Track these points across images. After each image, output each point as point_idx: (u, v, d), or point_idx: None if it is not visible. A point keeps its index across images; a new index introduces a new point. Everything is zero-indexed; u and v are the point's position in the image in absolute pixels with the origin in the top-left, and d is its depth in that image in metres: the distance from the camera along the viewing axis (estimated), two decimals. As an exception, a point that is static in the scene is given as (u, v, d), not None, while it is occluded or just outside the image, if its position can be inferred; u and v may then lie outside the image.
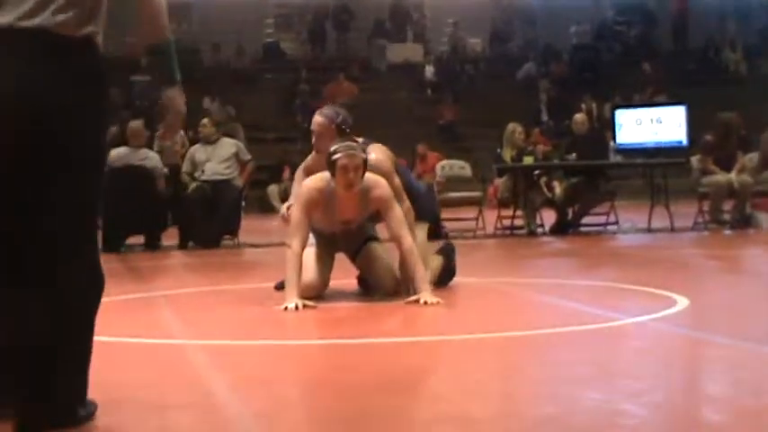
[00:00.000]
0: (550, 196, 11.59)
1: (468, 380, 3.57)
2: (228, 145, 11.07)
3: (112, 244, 10.07)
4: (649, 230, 11.34)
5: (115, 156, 10.49)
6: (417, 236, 5.93)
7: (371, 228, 6.13)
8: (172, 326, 5.19)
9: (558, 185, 11.63)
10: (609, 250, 9.99)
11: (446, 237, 9.51)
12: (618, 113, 12.67)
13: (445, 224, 11.02)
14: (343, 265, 6.17)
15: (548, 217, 11.58)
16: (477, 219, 11.72)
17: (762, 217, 11.70)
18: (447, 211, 11.72)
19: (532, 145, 12.96)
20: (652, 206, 11.64)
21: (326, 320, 5.30)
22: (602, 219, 11.79)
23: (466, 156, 16.26)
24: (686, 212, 11.60)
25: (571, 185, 11.42)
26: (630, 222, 12.02)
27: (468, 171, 13.39)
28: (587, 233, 11.48)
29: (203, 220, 10.59)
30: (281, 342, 4.66)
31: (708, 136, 11.55)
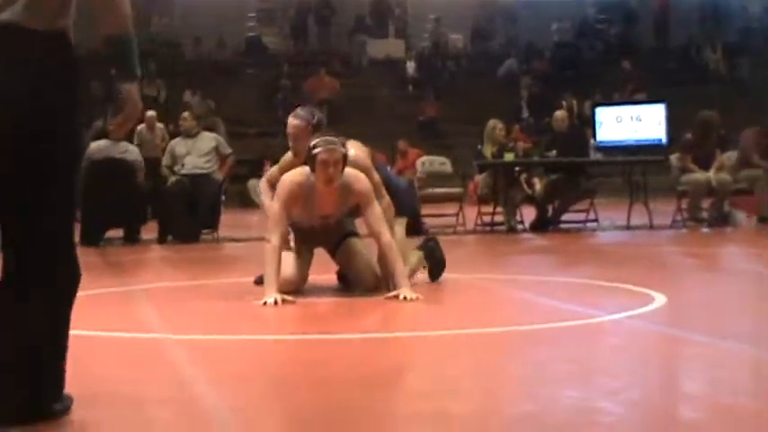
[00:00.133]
0: (530, 193, 11.59)
1: (446, 376, 3.57)
2: (209, 139, 11.03)
3: (91, 237, 10.03)
4: (628, 228, 11.37)
5: (95, 148, 10.44)
6: (396, 231, 5.93)
7: (351, 223, 6.12)
8: (150, 320, 5.16)
9: (539, 182, 11.63)
10: (588, 247, 10.01)
11: (426, 233, 9.52)
12: (598, 111, 12.70)
13: (426, 220, 11.04)
14: (322, 261, 6.16)
15: (528, 214, 11.59)
16: (457, 215, 11.72)
17: (740, 215, 11.75)
18: (427, 207, 11.73)
19: (513, 141, 12.98)
20: (631, 204, 11.67)
21: (306, 316, 5.29)
22: (581, 216, 11.81)
23: (446, 152, 16.26)
24: (665, 210, 11.63)
25: (551, 182, 11.44)
26: (610, 220, 12.05)
27: (448, 167, 13.40)
28: (567, 230, 11.50)
29: (183, 214, 10.55)
30: (260, 337, 4.65)
31: (687, 134, 11.59)
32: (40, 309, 2.69)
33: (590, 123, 13.61)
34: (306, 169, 5.64)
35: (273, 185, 5.91)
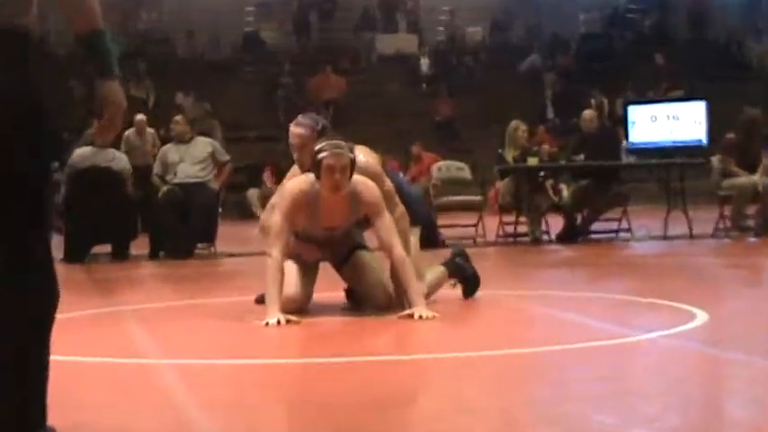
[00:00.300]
0: (557, 200, 11.60)
1: (462, 397, 3.57)
2: (203, 144, 11.05)
3: (76, 253, 10.05)
4: (665, 238, 11.36)
5: (79, 156, 10.45)
6: (410, 243, 5.90)
7: (359, 234, 6.11)
8: (141, 343, 5.17)
9: (566, 188, 11.64)
10: (621, 260, 10.00)
11: (443, 245, 9.53)
12: (631, 110, 12.69)
13: (442, 231, 11.05)
14: (329, 276, 6.16)
15: (554, 223, 11.58)
16: (476, 225, 11.73)
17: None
18: (444, 217, 11.75)
19: (537, 144, 12.97)
20: (668, 211, 11.65)
21: (311, 337, 5.30)
22: (613, 225, 11.80)
23: (464, 156, 16.26)
24: (706, 218, 11.61)
25: (579, 188, 11.43)
26: (645, 229, 12.04)
27: (466, 173, 13.39)
28: (597, 241, 11.50)
29: (176, 227, 10.56)
30: (262, 361, 4.65)
31: (730, 134, 11.57)
32: (3, 332, 2.66)
33: (622, 123, 13.60)
34: (310, 176, 5.64)
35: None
